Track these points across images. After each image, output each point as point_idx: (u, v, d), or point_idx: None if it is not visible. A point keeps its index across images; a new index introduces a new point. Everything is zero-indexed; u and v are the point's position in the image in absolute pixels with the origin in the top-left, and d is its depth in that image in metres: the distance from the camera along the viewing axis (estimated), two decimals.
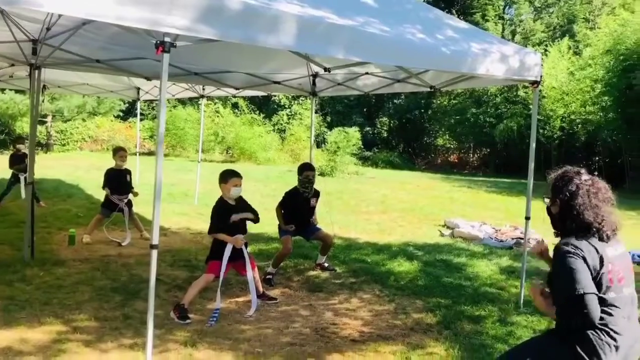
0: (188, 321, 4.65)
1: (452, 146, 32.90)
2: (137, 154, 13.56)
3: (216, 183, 5.12)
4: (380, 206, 12.92)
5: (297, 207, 6.26)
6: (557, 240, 2.67)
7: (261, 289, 5.40)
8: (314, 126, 8.92)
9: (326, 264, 6.65)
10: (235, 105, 28.33)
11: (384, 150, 29.55)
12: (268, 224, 6.61)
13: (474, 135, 28.31)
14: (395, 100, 32.07)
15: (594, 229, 2.51)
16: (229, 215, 4.94)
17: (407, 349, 4.32)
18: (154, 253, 3.42)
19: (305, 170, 6.31)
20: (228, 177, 4.99)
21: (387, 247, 8.13)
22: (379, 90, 7.29)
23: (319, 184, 6.52)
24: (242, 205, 5.12)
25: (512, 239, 9.01)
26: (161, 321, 4.56)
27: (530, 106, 24.37)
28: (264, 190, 13.86)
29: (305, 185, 6.27)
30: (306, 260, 6.99)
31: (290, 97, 29.11)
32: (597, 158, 25.25)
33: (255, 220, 5.14)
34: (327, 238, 6.49)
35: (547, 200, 2.75)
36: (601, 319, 2.45)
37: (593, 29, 24.83)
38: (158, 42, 3.30)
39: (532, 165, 5.54)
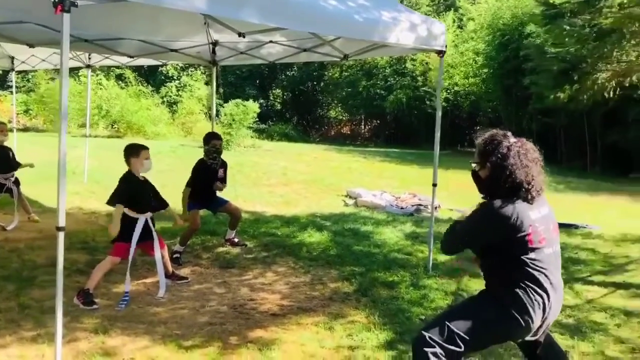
0: (95, 307, 4.33)
1: (344, 118, 33.36)
2: (14, 130, 12.36)
3: (104, 159, 4.81)
4: (282, 178, 12.84)
5: (205, 179, 5.98)
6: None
7: (170, 269, 5.14)
8: (214, 97, 8.57)
9: (236, 239, 6.47)
10: (119, 77, 26.67)
11: (279, 122, 29.31)
12: (170, 201, 6.31)
13: (365, 107, 28.86)
14: (288, 72, 31.82)
15: (524, 189, 2.58)
16: (137, 189, 4.65)
17: (329, 319, 4.31)
18: (61, 235, 3.11)
19: (212, 139, 6.05)
20: (139, 149, 4.68)
21: (295, 219, 8.08)
22: (285, 60, 7.11)
23: None
24: (148, 185, 4.85)
25: (412, 205, 9.33)
26: (65, 308, 4.10)
27: (419, 78, 25.40)
28: (158, 165, 13.01)
29: (212, 156, 6.00)
30: (214, 236, 6.77)
31: (179, 68, 27.88)
32: (478, 127, 26.82)
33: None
34: (236, 211, 6.30)
35: (474, 165, 2.79)
36: (529, 278, 2.56)
37: (474, 4, 26.08)
38: (56, 0, 2.92)
39: (437, 135, 5.70)
